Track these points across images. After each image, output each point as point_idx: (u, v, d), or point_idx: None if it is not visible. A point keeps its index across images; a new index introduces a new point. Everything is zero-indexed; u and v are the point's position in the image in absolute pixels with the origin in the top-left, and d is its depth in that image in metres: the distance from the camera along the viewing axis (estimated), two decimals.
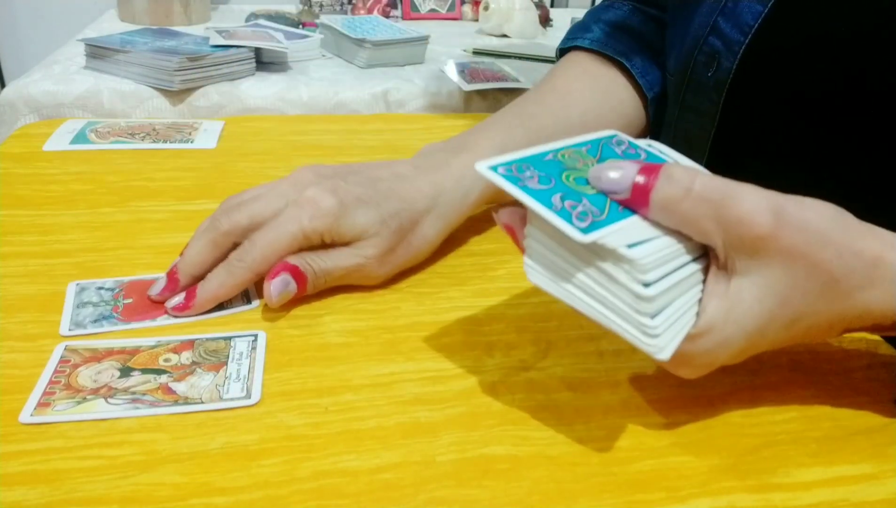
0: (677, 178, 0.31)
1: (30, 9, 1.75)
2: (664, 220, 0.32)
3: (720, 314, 0.31)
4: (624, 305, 0.30)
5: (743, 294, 0.31)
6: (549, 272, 0.32)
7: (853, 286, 0.32)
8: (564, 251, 0.31)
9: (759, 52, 0.49)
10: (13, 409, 0.34)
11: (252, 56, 1.04)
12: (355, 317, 0.43)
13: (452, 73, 1.09)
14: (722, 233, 0.31)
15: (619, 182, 0.32)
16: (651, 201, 0.31)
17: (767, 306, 0.31)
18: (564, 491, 0.31)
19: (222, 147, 0.68)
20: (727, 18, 0.51)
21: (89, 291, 0.44)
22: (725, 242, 0.31)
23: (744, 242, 0.31)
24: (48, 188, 0.57)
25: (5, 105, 0.96)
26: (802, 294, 0.32)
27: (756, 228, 0.30)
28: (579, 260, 0.31)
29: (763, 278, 0.31)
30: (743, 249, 0.31)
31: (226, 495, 0.30)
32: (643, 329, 0.30)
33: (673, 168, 0.32)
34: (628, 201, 0.32)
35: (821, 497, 0.32)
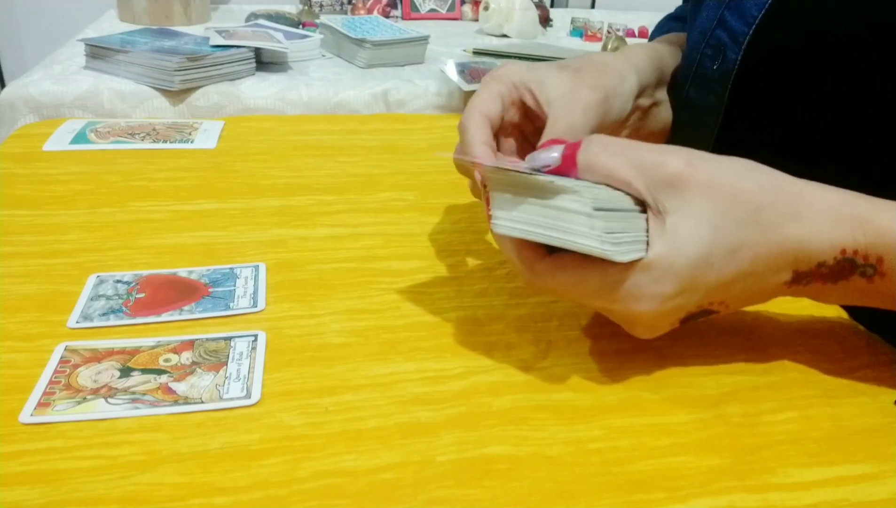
0: (596, 140, 0.36)
1: (30, 9, 1.75)
2: (591, 177, 0.35)
3: (662, 246, 0.34)
4: (580, 226, 0.33)
5: (678, 227, 0.35)
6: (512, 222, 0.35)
7: (783, 215, 0.35)
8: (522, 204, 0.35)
9: (763, 43, 0.50)
10: (13, 409, 0.34)
11: (252, 56, 1.04)
12: (355, 317, 0.43)
13: (452, 73, 1.09)
14: (641, 177, 0.35)
15: (550, 154, 0.36)
16: (578, 162, 0.36)
17: (703, 233, 0.34)
18: (564, 491, 0.32)
19: (222, 147, 0.68)
20: (733, 11, 0.52)
21: (107, 284, 0.44)
22: (647, 185, 0.35)
23: (663, 179, 0.35)
24: (48, 188, 0.57)
25: (5, 105, 0.96)
26: (734, 222, 0.35)
27: (669, 165, 0.35)
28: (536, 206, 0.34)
29: (691, 210, 0.35)
30: (665, 186, 0.35)
31: (226, 495, 0.30)
32: (600, 239, 0.33)
33: (594, 135, 0.37)
34: (561, 168, 0.36)
35: (821, 497, 0.32)
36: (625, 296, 0.35)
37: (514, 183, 0.35)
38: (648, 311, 0.35)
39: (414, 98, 1.05)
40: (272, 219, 0.54)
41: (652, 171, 0.35)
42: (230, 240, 0.51)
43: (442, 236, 0.53)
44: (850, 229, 0.35)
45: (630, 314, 0.36)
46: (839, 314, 0.45)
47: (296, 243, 0.51)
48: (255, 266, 0.47)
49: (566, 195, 0.34)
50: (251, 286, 0.45)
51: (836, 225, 0.35)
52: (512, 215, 0.35)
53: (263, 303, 0.43)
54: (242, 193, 0.58)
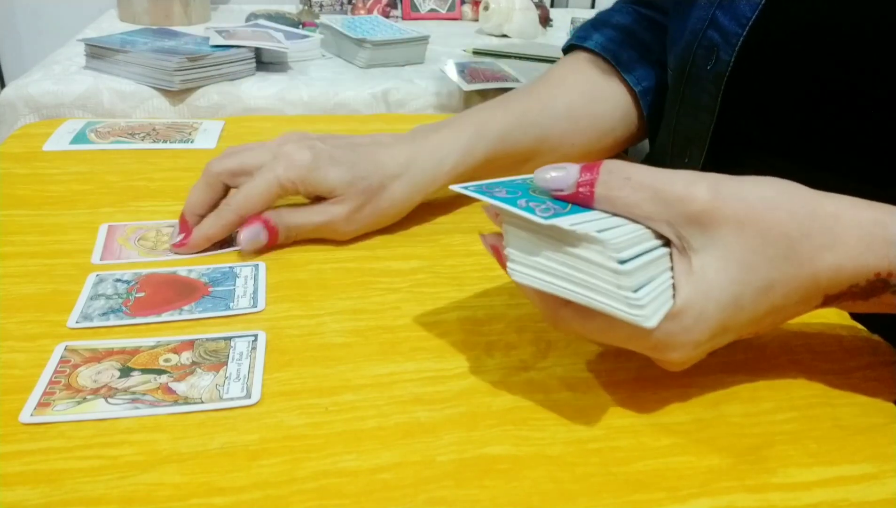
0: (616, 170, 0.34)
1: (30, 9, 1.75)
2: (609, 209, 0.34)
3: (691, 291, 0.32)
4: (606, 284, 0.31)
5: (706, 268, 0.33)
6: (530, 270, 0.34)
7: (817, 246, 0.33)
8: (541, 250, 0.33)
9: (756, 44, 0.50)
10: (13, 409, 0.34)
11: (252, 56, 1.04)
12: (355, 317, 0.43)
13: (452, 73, 1.09)
14: (665, 213, 0.33)
15: (563, 179, 0.34)
16: (595, 194, 0.33)
17: (733, 274, 0.32)
18: (564, 491, 0.31)
19: (222, 147, 0.68)
20: (725, 11, 0.51)
21: (106, 282, 0.44)
22: (672, 221, 0.33)
23: (689, 217, 0.33)
24: (48, 188, 0.57)
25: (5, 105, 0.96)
26: (766, 260, 0.33)
27: (695, 201, 0.32)
28: (556, 253, 0.33)
29: (720, 250, 0.33)
30: (690, 225, 0.33)
31: (226, 495, 0.30)
32: (628, 302, 0.31)
33: (612, 162, 0.34)
34: (574, 196, 0.34)
35: (821, 497, 0.32)
36: (656, 345, 0.33)
37: (529, 224, 0.33)
38: (680, 357, 0.34)
39: (414, 98, 1.05)
40: None
41: (677, 207, 0.33)
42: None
43: (442, 236, 0.53)
44: (885, 252, 0.33)
45: (662, 360, 0.35)
46: (839, 314, 0.45)
47: (296, 243, 0.51)
48: (254, 265, 0.47)
49: (589, 245, 0.31)
50: (251, 286, 0.45)
51: (870, 248, 0.33)
52: (530, 262, 0.33)
53: (263, 303, 0.43)
54: None
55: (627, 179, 0.33)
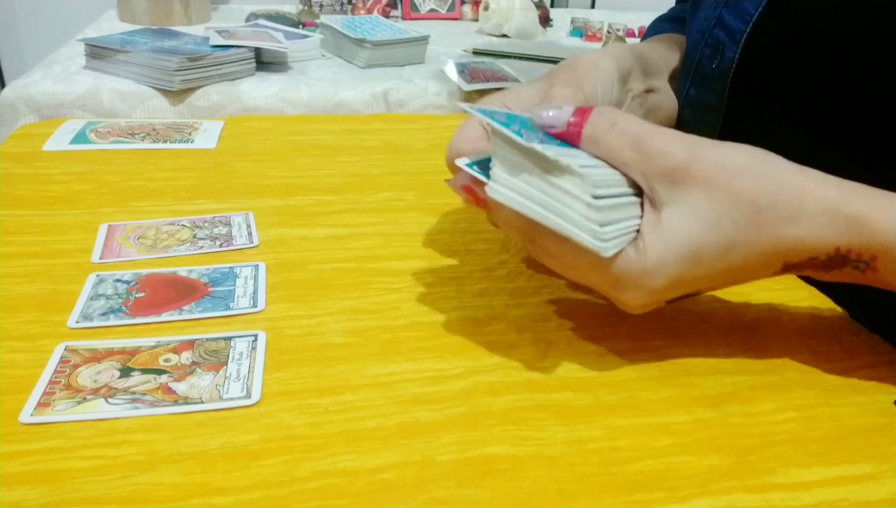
0: (606, 113, 0.36)
1: (30, 9, 1.75)
2: (593, 150, 0.36)
3: (654, 238, 0.34)
4: (577, 214, 0.33)
5: (671, 220, 0.35)
6: (509, 191, 0.35)
7: (780, 216, 0.35)
8: (523, 173, 0.35)
9: (760, 40, 0.50)
10: (13, 409, 0.34)
11: (252, 56, 1.04)
12: (355, 317, 0.43)
13: (452, 73, 1.09)
14: (641, 164, 0.35)
15: (557, 116, 0.36)
16: (583, 133, 0.36)
17: (696, 229, 0.34)
18: (564, 491, 0.31)
19: (222, 147, 0.68)
20: (730, 10, 0.52)
21: (106, 283, 0.44)
22: (647, 173, 0.35)
23: (663, 172, 0.35)
24: (48, 188, 0.57)
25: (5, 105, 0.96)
26: (731, 221, 0.34)
27: (671, 157, 0.34)
28: (537, 179, 0.34)
29: (687, 206, 0.34)
30: (663, 178, 0.35)
31: (226, 495, 0.30)
32: (593, 233, 0.33)
33: (604, 107, 0.36)
34: (564, 133, 0.36)
35: (821, 497, 0.32)
36: (614, 282, 0.35)
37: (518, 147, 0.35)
38: (635, 300, 0.36)
39: (414, 98, 1.05)
40: (272, 219, 0.54)
41: (654, 160, 0.35)
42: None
43: (442, 236, 0.53)
44: (846, 229, 0.35)
45: (619, 297, 0.37)
46: (839, 314, 0.45)
47: (296, 243, 0.51)
48: (254, 266, 0.47)
49: (569, 176, 0.33)
50: (251, 286, 0.45)
51: (833, 225, 0.35)
52: (510, 183, 0.35)
53: (263, 303, 0.43)
54: (242, 193, 0.58)
55: (614, 124, 0.35)
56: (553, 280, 0.48)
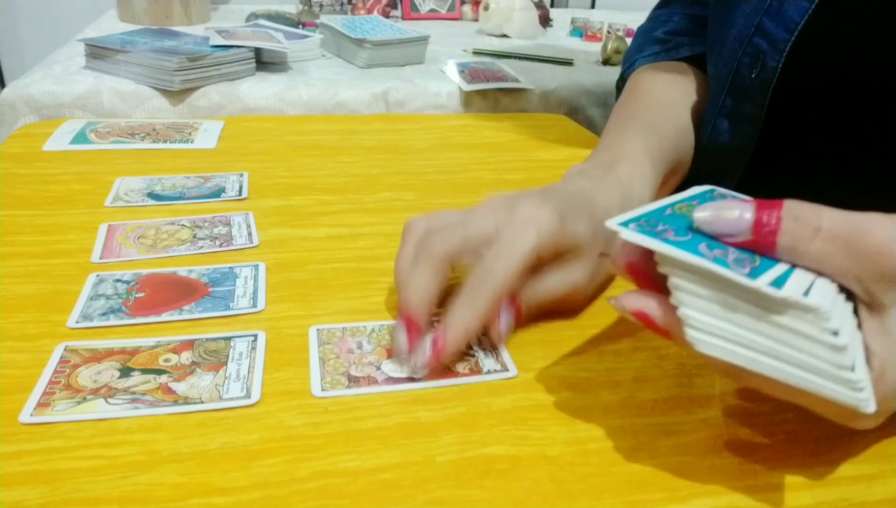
0: (804, 217, 0.29)
1: (30, 9, 1.75)
2: (792, 260, 0.30)
3: (889, 353, 0.29)
4: (819, 361, 0.27)
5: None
6: (719, 339, 0.29)
7: None
8: (728, 312, 0.29)
9: (805, 49, 0.48)
10: (13, 409, 0.34)
11: (252, 56, 1.04)
12: (355, 317, 0.43)
13: (452, 73, 1.09)
14: (859, 269, 0.29)
15: (737, 224, 0.29)
16: (778, 244, 0.29)
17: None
18: (564, 491, 0.31)
19: (222, 147, 0.68)
20: (772, 18, 0.50)
21: (106, 283, 0.44)
22: (865, 277, 0.29)
23: (884, 274, 0.29)
24: (48, 188, 0.57)
25: (5, 105, 0.96)
26: None
27: (892, 256, 0.29)
28: (750, 318, 0.28)
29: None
30: (885, 281, 0.29)
31: (226, 495, 0.30)
32: (850, 385, 0.27)
33: (796, 206, 0.30)
34: (750, 243, 0.30)
35: (821, 497, 0.32)
36: (850, 413, 0.29)
37: (710, 278, 0.28)
38: (873, 424, 0.31)
39: (414, 98, 1.05)
40: (272, 219, 0.54)
41: (873, 262, 0.29)
42: None
43: None
44: None
45: (851, 425, 0.31)
46: None
47: (296, 243, 0.51)
48: (254, 266, 0.47)
49: (797, 313, 0.27)
50: (251, 286, 0.45)
51: None
52: (716, 328, 0.29)
53: (263, 303, 0.43)
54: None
55: (818, 229, 0.29)
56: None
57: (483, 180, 0.64)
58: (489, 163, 0.68)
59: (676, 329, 0.30)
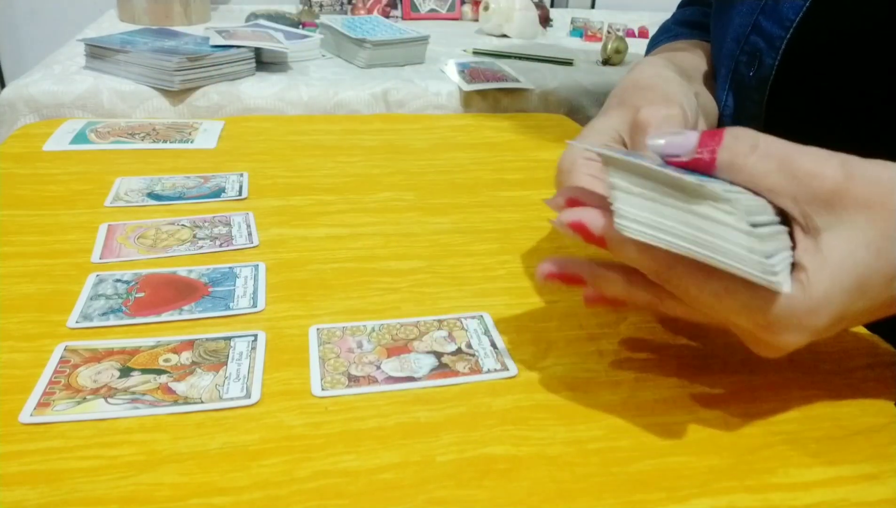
0: (743, 136, 0.31)
1: (30, 9, 1.75)
2: (731, 178, 0.31)
3: (816, 269, 0.30)
4: (736, 247, 0.29)
5: (833, 249, 0.30)
6: (645, 227, 0.31)
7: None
8: (658, 207, 0.30)
9: (800, 46, 0.49)
10: (13, 409, 0.34)
11: (252, 56, 1.04)
12: (355, 317, 0.43)
13: (452, 73, 1.09)
14: (792, 188, 0.31)
15: (682, 143, 0.31)
16: (718, 159, 0.31)
17: (861, 256, 0.30)
18: (564, 491, 0.31)
19: (222, 147, 0.68)
20: (768, 16, 0.51)
21: (106, 283, 0.44)
22: (798, 197, 0.31)
23: (817, 196, 0.30)
24: (48, 188, 0.57)
25: (5, 105, 0.96)
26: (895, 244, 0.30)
27: (826, 179, 0.30)
28: (676, 211, 0.30)
29: (849, 231, 0.30)
30: (818, 203, 0.30)
31: (226, 495, 0.30)
32: (763, 267, 0.29)
33: (737, 128, 0.31)
34: (694, 161, 0.31)
35: (821, 497, 0.32)
36: (773, 322, 0.30)
37: (644, 176, 0.30)
38: (794, 341, 0.31)
39: (414, 98, 1.04)
40: (272, 219, 0.54)
41: (806, 183, 0.30)
42: None
43: (442, 236, 0.53)
44: None
45: (771, 340, 0.32)
46: None
47: (296, 243, 0.51)
48: (254, 266, 0.47)
49: (717, 204, 0.29)
50: (251, 286, 0.45)
51: None
52: (644, 218, 0.30)
53: (263, 303, 0.43)
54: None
55: (755, 146, 0.31)
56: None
57: (483, 180, 0.64)
58: (489, 163, 0.68)
59: (610, 234, 0.32)
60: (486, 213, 0.57)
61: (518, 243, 0.53)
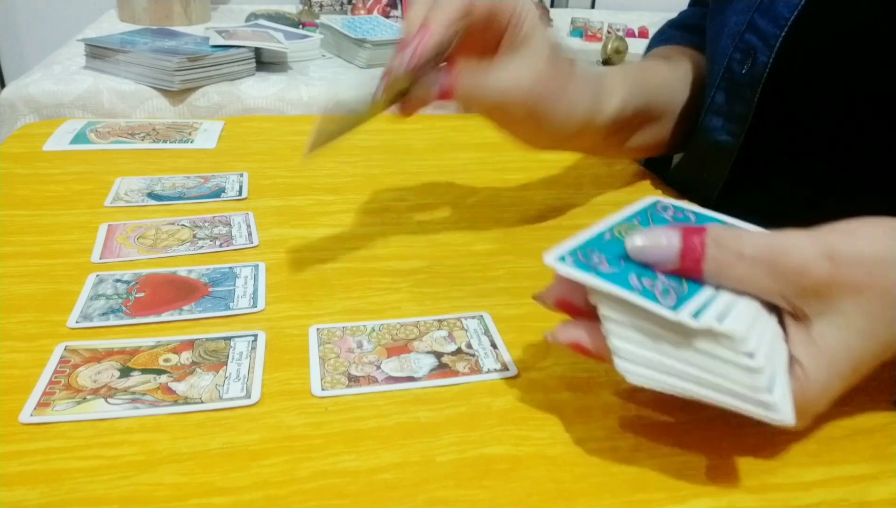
0: (725, 243, 0.31)
1: (30, 9, 1.75)
2: (716, 284, 0.31)
3: (812, 363, 0.31)
4: (737, 385, 0.29)
5: (826, 338, 0.31)
6: (646, 369, 0.31)
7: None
8: (653, 342, 0.30)
9: (795, 45, 0.49)
10: (13, 409, 0.34)
11: (252, 56, 1.04)
12: (355, 317, 0.43)
13: None
14: (782, 287, 0.31)
15: (665, 254, 0.31)
16: (704, 271, 0.31)
17: (854, 342, 0.31)
18: (564, 491, 0.31)
19: (222, 147, 0.68)
20: (763, 14, 0.51)
21: (106, 283, 0.44)
22: (789, 294, 0.31)
23: (806, 290, 0.31)
24: (48, 188, 0.57)
25: (5, 105, 0.96)
26: (885, 324, 0.31)
27: (814, 275, 0.30)
28: (673, 346, 0.30)
29: (840, 317, 0.31)
30: (808, 295, 0.31)
31: (226, 495, 0.30)
32: (766, 406, 0.29)
33: (717, 231, 0.31)
34: (679, 270, 0.31)
35: (821, 497, 0.32)
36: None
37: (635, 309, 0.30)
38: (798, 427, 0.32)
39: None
40: (272, 219, 0.54)
41: (794, 282, 0.31)
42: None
43: (442, 235, 0.53)
44: None
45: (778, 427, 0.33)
46: None
47: (296, 243, 0.51)
48: (254, 266, 0.47)
49: (715, 340, 0.29)
50: (251, 286, 0.45)
51: None
52: (643, 358, 0.31)
53: (263, 303, 0.43)
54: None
55: (741, 255, 0.31)
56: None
57: (483, 180, 0.64)
58: (489, 163, 0.68)
59: (609, 356, 0.32)
60: (486, 213, 0.57)
61: (518, 243, 0.53)
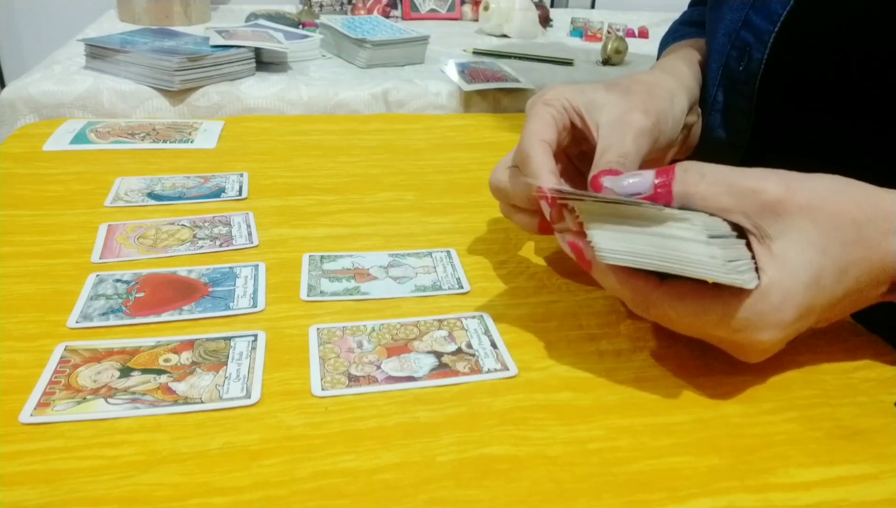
0: (691, 168, 0.36)
1: (30, 9, 1.75)
2: (687, 205, 0.35)
3: (776, 271, 0.34)
4: (700, 256, 0.33)
5: (787, 250, 0.34)
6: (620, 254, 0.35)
7: (882, 231, 0.35)
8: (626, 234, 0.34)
9: (788, 40, 0.50)
10: (13, 409, 0.34)
11: (252, 56, 1.04)
12: (355, 317, 0.43)
13: (452, 73, 1.09)
14: (740, 205, 0.35)
15: (640, 183, 0.36)
16: (674, 191, 0.35)
17: (811, 255, 0.34)
18: (564, 491, 0.31)
19: (222, 147, 0.68)
20: (757, 11, 0.52)
21: (106, 283, 0.44)
22: (748, 212, 0.35)
23: (764, 207, 0.34)
24: (48, 188, 0.57)
25: (5, 105, 0.96)
26: (839, 243, 0.35)
27: (768, 192, 0.34)
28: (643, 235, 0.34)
29: (797, 233, 0.34)
30: (766, 214, 0.34)
31: (226, 495, 0.30)
32: (726, 269, 0.33)
33: (685, 162, 0.36)
34: (653, 197, 0.35)
35: (821, 497, 0.32)
36: (746, 325, 0.35)
37: (612, 213, 0.35)
38: (770, 339, 0.35)
39: (414, 98, 1.05)
40: (272, 219, 0.54)
41: (751, 198, 0.34)
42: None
43: (442, 236, 0.53)
44: None
45: (750, 343, 0.36)
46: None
47: (296, 243, 0.51)
48: (254, 266, 0.47)
49: (676, 223, 0.33)
50: (251, 286, 0.45)
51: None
52: (618, 246, 0.35)
53: (263, 303, 0.43)
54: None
55: (702, 176, 0.35)
56: (553, 280, 0.48)
57: (483, 180, 0.64)
58: (489, 163, 0.68)
59: (596, 263, 0.37)
60: (486, 213, 0.57)
61: (518, 242, 0.53)
